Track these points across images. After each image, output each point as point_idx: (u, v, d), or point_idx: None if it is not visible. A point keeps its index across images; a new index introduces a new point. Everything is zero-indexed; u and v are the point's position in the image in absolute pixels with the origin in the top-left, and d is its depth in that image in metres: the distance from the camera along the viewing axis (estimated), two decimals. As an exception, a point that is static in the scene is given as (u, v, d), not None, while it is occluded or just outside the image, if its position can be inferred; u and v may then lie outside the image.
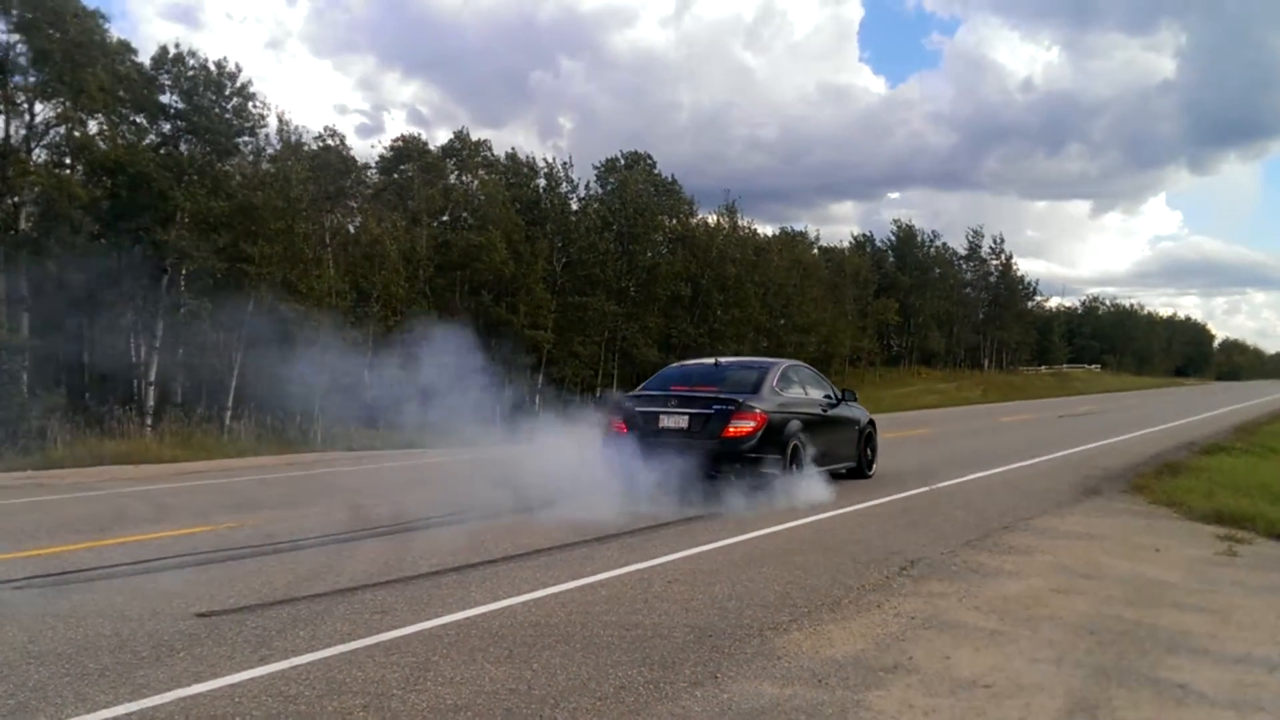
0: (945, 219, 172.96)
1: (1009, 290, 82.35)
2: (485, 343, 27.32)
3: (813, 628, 6.38)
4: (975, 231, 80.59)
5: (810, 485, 11.96)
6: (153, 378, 30.88)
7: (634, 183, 41.39)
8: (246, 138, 34.05)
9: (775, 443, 11.88)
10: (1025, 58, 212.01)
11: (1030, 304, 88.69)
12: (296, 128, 35.68)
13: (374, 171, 40.57)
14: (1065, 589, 7.61)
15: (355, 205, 37.42)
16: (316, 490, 14.02)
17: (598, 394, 36.89)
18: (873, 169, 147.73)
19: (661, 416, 12.09)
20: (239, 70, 33.19)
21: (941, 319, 76.90)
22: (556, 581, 7.65)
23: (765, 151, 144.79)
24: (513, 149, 42.56)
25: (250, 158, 34.59)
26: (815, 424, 12.97)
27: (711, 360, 14.17)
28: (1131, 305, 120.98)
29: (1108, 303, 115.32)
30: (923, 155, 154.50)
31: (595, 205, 41.45)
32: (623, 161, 43.27)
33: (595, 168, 43.24)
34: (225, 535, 9.91)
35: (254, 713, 4.74)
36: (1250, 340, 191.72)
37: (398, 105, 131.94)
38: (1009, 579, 7.96)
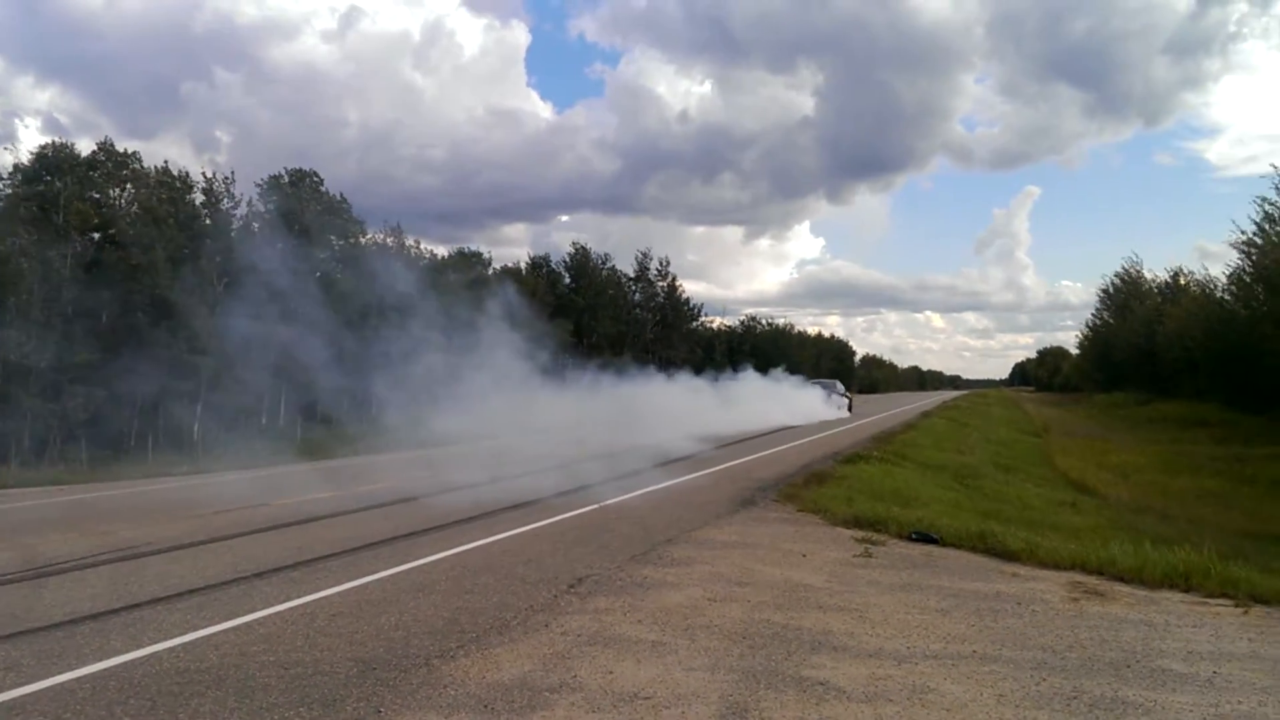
0: (613, 242, 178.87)
1: (675, 311, 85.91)
2: (143, 370, 25.43)
3: (480, 652, 6.35)
4: (644, 254, 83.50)
5: (844, 413, 44.67)
6: None
7: (299, 200, 39.87)
8: None
9: (842, 397, 47.96)
10: (681, 91, 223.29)
11: (695, 324, 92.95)
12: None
13: (6, 184, 36.65)
14: (721, 597, 8.00)
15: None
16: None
17: (263, 421, 35.16)
18: (543, 192, 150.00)
19: (818, 389, 47.56)
20: None
21: (613, 339, 79.07)
22: (209, 623, 7.20)
23: (435, 173, 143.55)
24: (165, 162, 39.88)
25: None
26: (844, 394, 49.70)
27: (823, 380, 54.43)
28: (784, 324, 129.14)
29: (764, 322, 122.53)
30: (590, 180, 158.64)
31: (259, 223, 39.55)
32: (287, 178, 41.56)
33: (258, 184, 41.24)
34: None
35: None
36: (886, 356, 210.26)
37: (31, 112, 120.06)
38: (670, 590, 8.27)
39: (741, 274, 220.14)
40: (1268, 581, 8.90)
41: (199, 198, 39.14)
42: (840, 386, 51.06)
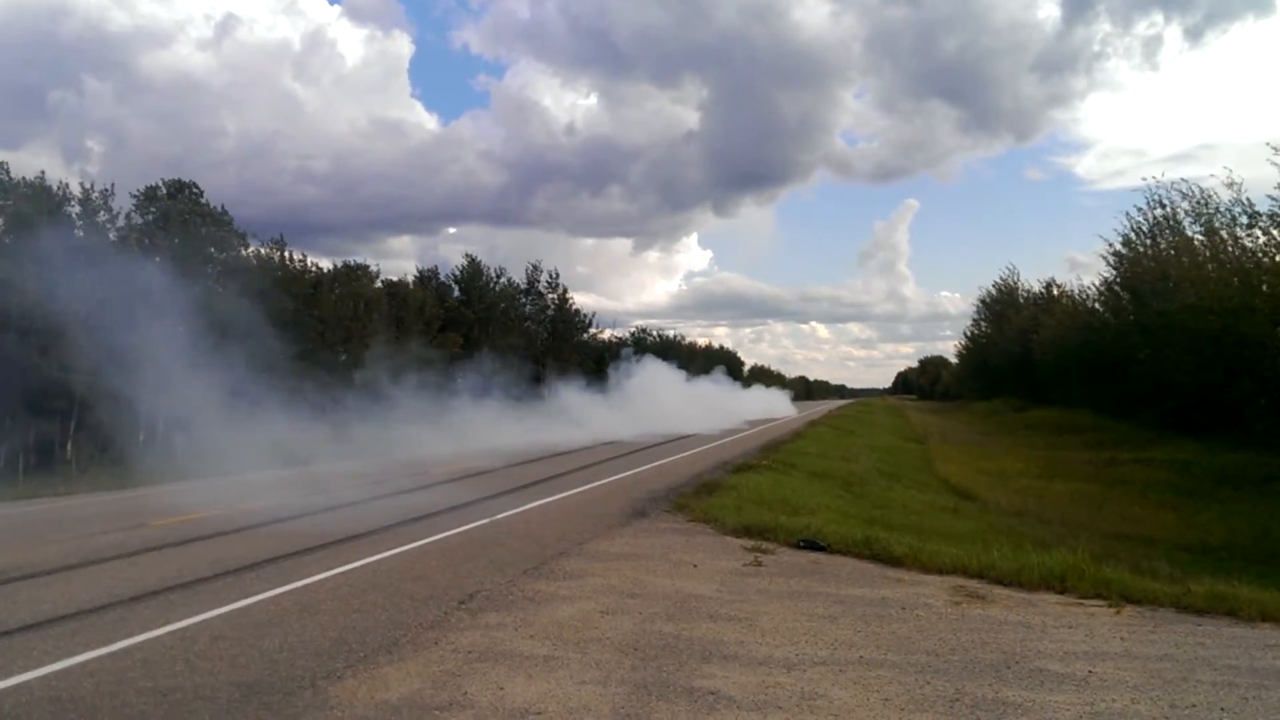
0: (501, 254, 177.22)
1: (566, 323, 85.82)
2: (12, 388, 24.32)
3: (368, 672, 6.23)
4: (534, 266, 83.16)
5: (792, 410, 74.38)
6: None
7: (179, 212, 38.59)
8: None
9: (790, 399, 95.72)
10: (567, 103, 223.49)
11: (586, 335, 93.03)
12: None
13: None
14: (613, 610, 8.00)
15: None
16: None
17: (140, 438, 33.96)
18: (429, 204, 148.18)
19: (781, 393, 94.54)
20: None
21: (504, 351, 78.50)
22: (83, 650, 6.92)
23: (318, 184, 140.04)
24: (43, 172, 38.29)
25: None
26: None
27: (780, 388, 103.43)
28: (674, 336, 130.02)
29: (654, 334, 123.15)
30: (477, 192, 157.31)
31: (136, 235, 38.16)
32: (164, 190, 40.20)
33: (134, 195, 39.78)
34: None
35: None
36: (774, 366, 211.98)
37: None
38: (562, 604, 8.24)
39: (631, 286, 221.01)
40: (1138, 582, 9.27)
41: (75, 209, 37.64)
42: (790, 393, 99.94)
